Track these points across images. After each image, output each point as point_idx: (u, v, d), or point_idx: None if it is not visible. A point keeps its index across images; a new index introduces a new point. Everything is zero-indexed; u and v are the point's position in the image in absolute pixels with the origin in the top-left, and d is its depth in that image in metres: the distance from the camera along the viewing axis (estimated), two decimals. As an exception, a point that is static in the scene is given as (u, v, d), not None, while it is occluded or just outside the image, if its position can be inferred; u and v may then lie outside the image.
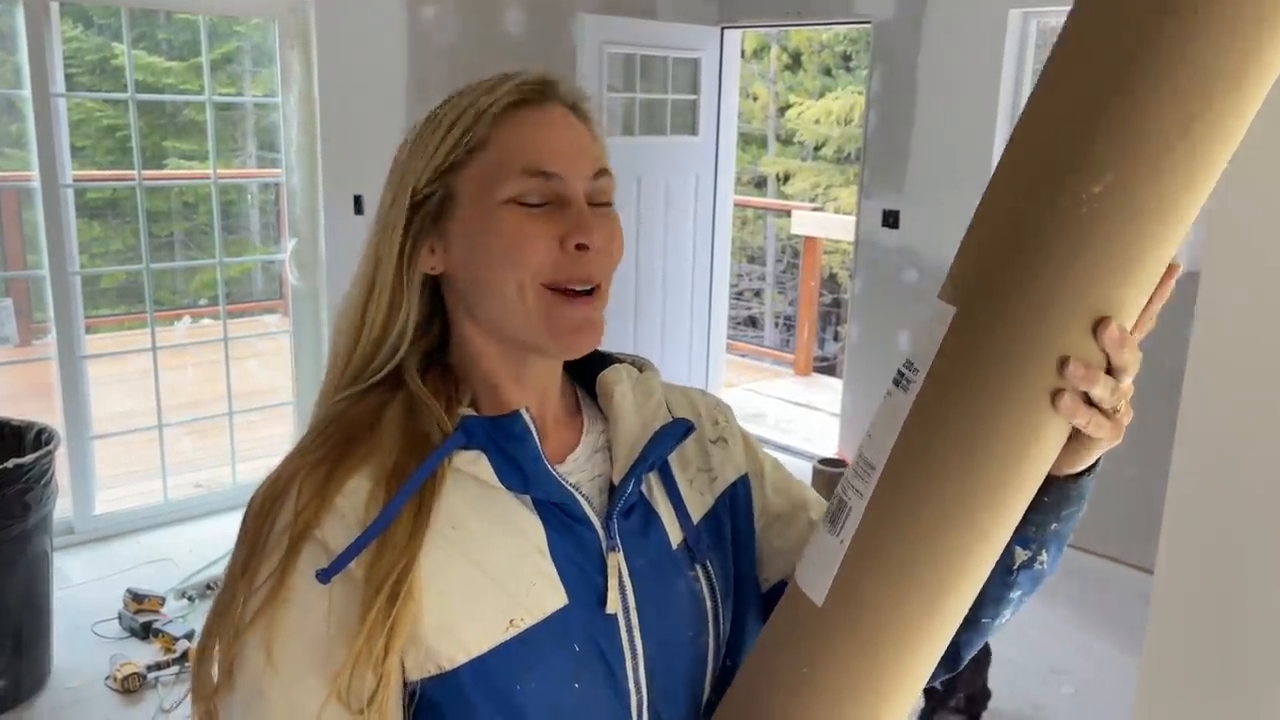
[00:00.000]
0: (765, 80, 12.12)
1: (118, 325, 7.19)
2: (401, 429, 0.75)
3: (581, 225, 0.74)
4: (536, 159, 0.74)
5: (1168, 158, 0.54)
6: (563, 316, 0.74)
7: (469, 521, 0.73)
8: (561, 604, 0.74)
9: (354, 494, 0.71)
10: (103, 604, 3.26)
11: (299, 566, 0.69)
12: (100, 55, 8.30)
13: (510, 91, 0.76)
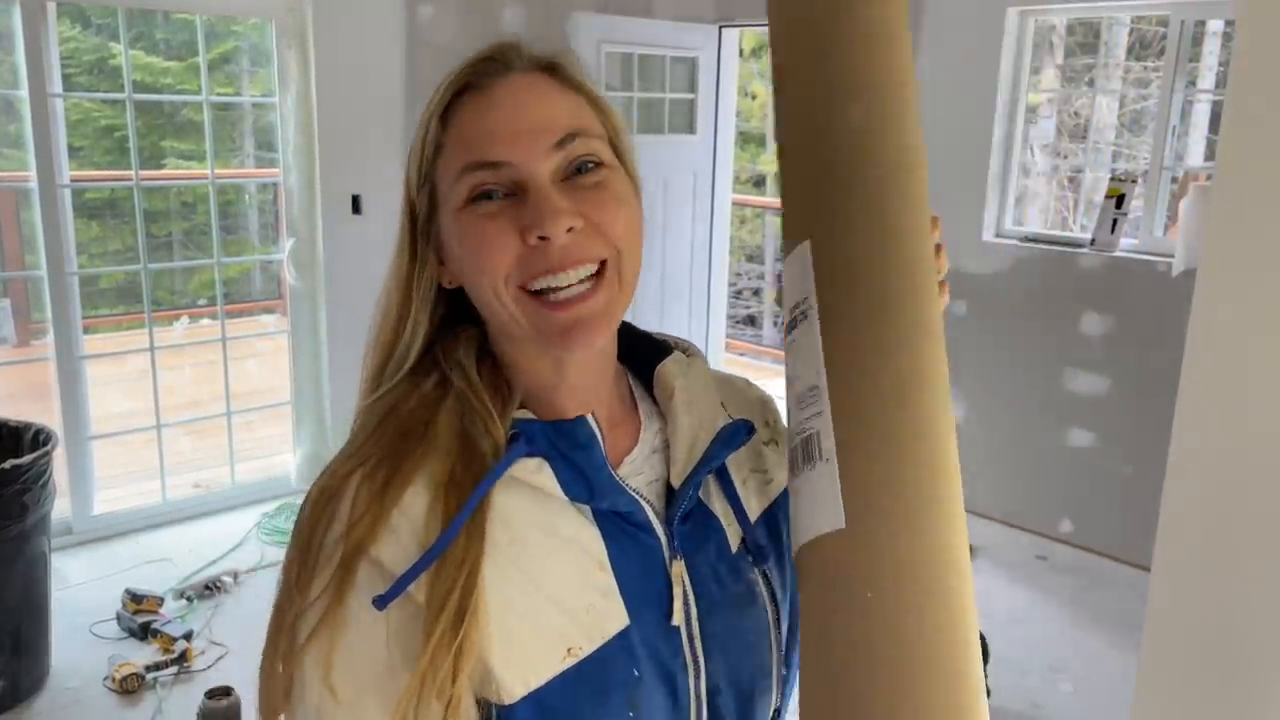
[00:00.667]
0: (763, 79, 12.12)
1: (116, 325, 7.18)
2: (457, 433, 0.70)
3: (536, 215, 0.67)
4: (477, 151, 0.68)
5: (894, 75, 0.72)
6: (545, 322, 0.69)
7: (527, 535, 0.68)
8: (622, 625, 0.69)
9: (411, 508, 0.67)
10: (101, 604, 3.26)
11: (354, 586, 0.64)
12: (98, 55, 8.29)
13: (450, 85, 0.71)
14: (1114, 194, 3.93)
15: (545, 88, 0.71)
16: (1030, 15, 4.07)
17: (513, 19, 4.37)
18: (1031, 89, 4.36)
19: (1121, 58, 8.55)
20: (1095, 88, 8.08)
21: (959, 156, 4.23)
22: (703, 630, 0.73)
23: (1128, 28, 8.29)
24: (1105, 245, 3.88)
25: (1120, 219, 3.89)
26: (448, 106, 0.70)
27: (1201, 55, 7.23)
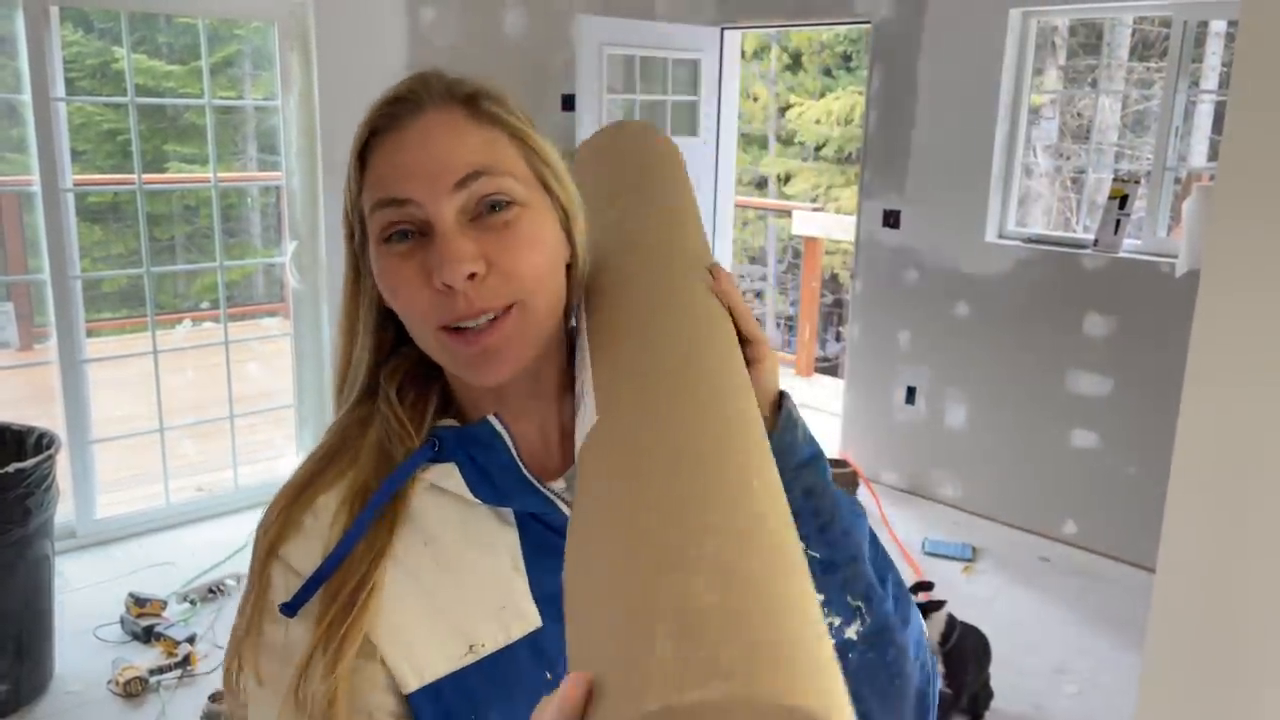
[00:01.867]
0: (766, 81, 12.12)
1: (119, 329, 7.19)
2: (377, 446, 0.73)
3: (436, 260, 0.66)
4: (385, 189, 0.69)
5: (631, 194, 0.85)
6: (459, 354, 0.69)
7: (441, 538, 0.71)
8: (531, 628, 0.70)
9: (322, 511, 0.70)
10: (104, 608, 3.26)
11: (268, 584, 0.69)
12: (101, 59, 8.31)
13: (367, 124, 0.71)
14: (1117, 195, 3.93)
15: (458, 124, 0.69)
16: (1032, 16, 4.07)
17: (515, 22, 4.38)
18: (1034, 90, 4.35)
19: (1124, 58, 8.55)
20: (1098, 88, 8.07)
21: (961, 158, 4.22)
22: None
23: (1130, 28, 8.28)
24: (1108, 246, 3.88)
25: (1123, 220, 3.88)
26: (364, 145, 0.71)
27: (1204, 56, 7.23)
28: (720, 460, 0.53)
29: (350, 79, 3.91)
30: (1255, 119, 1.58)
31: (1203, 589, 1.78)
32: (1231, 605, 1.74)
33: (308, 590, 0.67)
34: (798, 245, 9.03)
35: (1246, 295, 1.62)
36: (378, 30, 3.99)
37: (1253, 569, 1.69)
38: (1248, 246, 1.61)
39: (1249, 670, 1.73)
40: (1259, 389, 1.63)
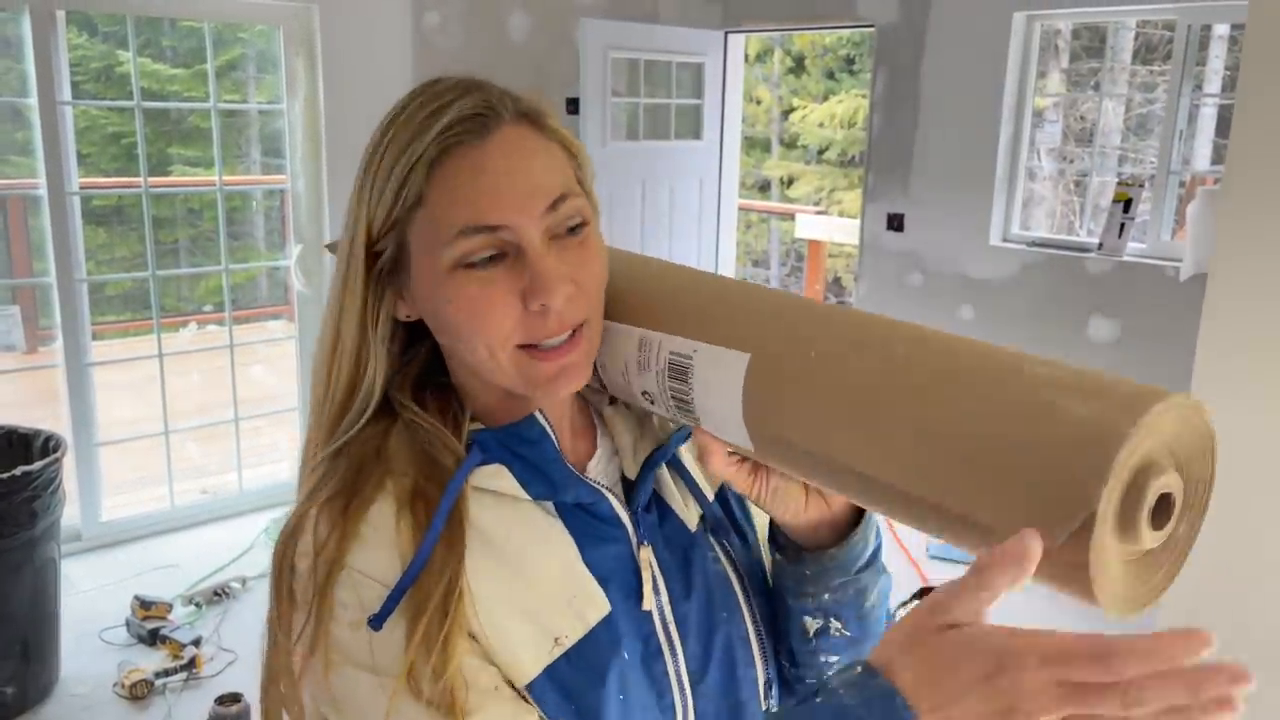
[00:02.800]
0: (769, 84, 12.13)
1: (124, 332, 7.21)
2: (411, 453, 0.71)
3: (538, 284, 0.67)
4: (475, 214, 0.67)
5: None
6: (537, 372, 0.70)
7: (500, 539, 0.71)
8: (604, 613, 0.72)
9: (380, 517, 0.68)
10: (110, 610, 3.26)
11: (331, 607, 0.66)
12: (106, 63, 8.33)
13: (439, 137, 0.68)
14: (1121, 198, 3.93)
15: (531, 142, 0.70)
16: (1036, 19, 4.07)
17: (519, 25, 4.38)
18: (1038, 93, 4.36)
19: (1127, 62, 8.55)
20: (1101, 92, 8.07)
21: (965, 161, 4.23)
22: (675, 612, 0.76)
23: (1133, 32, 8.28)
24: (1112, 249, 3.88)
25: (1127, 223, 3.88)
26: (434, 159, 0.68)
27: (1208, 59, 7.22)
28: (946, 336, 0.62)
29: (355, 82, 3.92)
30: (1261, 123, 1.59)
31: (1197, 587, 1.78)
32: (1227, 604, 1.74)
33: (394, 598, 0.65)
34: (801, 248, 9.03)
35: (1253, 298, 1.62)
36: (382, 34, 4.00)
37: (1248, 567, 1.69)
38: (1255, 250, 1.61)
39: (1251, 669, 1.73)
40: (1265, 392, 1.63)
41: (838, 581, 0.76)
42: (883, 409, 0.59)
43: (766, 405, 0.65)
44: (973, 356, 0.58)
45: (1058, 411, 0.52)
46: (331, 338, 0.73)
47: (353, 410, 0.73)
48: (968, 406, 0.55)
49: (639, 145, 4.81)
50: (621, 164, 4.62)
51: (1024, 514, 0.51)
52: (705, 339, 0.68)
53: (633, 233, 4.74)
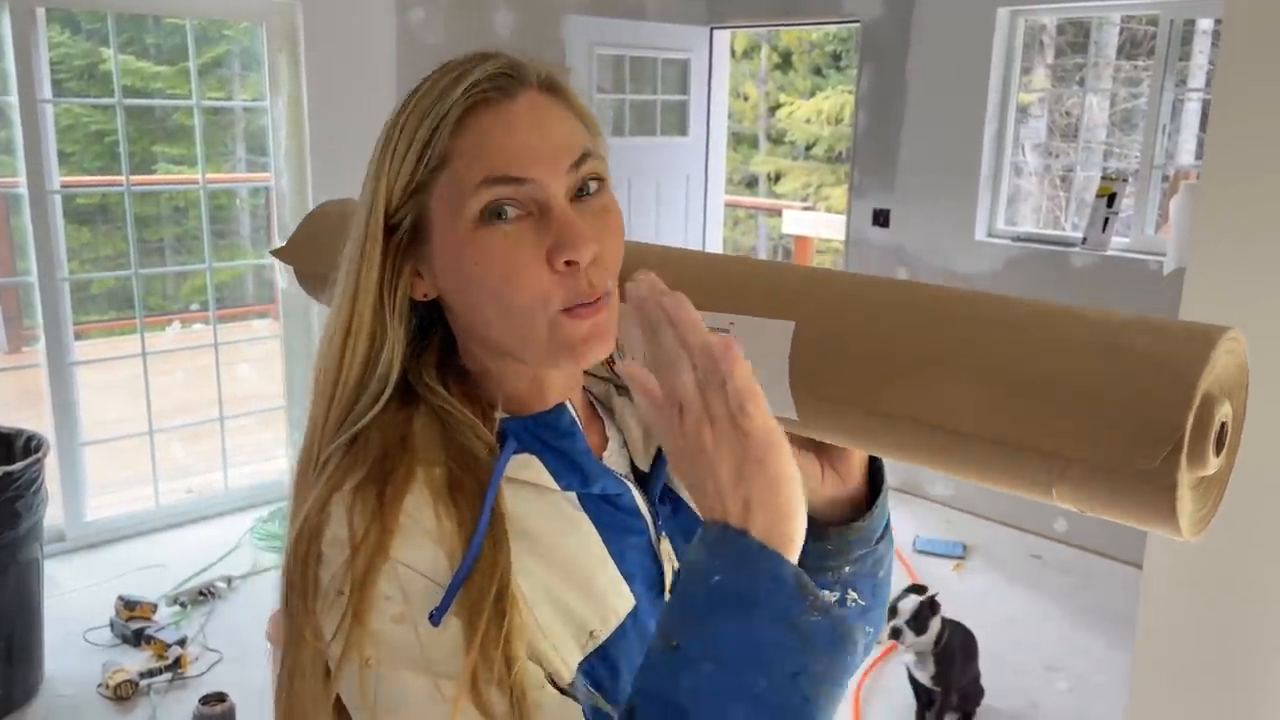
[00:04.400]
0: (756, 80, 12.13)
1: (108, 331, 7.17)
2: (440, 442, 0.69)
3: (566, 238, 0.65)
4: (500, 164, 0.66)
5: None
6: (571, 333, 0.68)
7: (533, 530, 0.69)
8: (630, 607, 0.72)
9: (417, 509, 0.65)
10: (94, 611, 3.25)
11: (373, 605, 0.63)
12: (88, 60, 8.27)
13: (465, 95, 0.67)
14: (1105, 193, 3.94)
15: (555, 107, 0.70)
16: (1020, 15, 4.08)
17: (504, 22, 4.37)
18: (1022, 88, 4.37)
19: (1112, 57, 8.58)
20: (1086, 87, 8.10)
21: (950, 156, 4.23)
22: None
23: (1118, 27, 8.31)
24: (1097, 244, 3.89)
25: (1111, 218, 3.90)
26: (459, 119, 0.67)
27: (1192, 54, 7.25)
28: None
29: (339, 79, 3.91)
30: (1239, 117, 1.59)
31: (1189, 583, 1.79)
32: (1218, 599, 1.75)
33: (451, 592, 0.63)
34: (788, 244, 9.03)
35: (1230, 292, 1.63)
36: (366, 30, 3.98)
37: (1238, 562, 1.70)
38: (1231, 244, 1.62)
39: (1236, 662, 1.74)
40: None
41: (859, 553, 0.77)
42: (951, 356, 0.60)
43: (817, 368, 0.65)
44: (1024, 305, 0.61)
45: (1129, 346, 0.55)
46: (346, 316, 0.70)
47: (368, 393, 0.70)
48: (1044, 351, 0.57)
49: (625, 141, 4.81)
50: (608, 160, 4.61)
51: (1118, 441, 0.54)
52: (740, 310, 0.69)
53: (619, 229, 4.73)
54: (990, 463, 0.60)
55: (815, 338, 0.65)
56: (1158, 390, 0.53)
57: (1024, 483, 0.59)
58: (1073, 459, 0.56)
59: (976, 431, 0.59)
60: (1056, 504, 0.60)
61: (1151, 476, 0.53)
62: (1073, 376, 0.56)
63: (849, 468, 0.76)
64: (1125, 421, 0.53)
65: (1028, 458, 0.57)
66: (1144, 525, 0.56)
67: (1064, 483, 0.57)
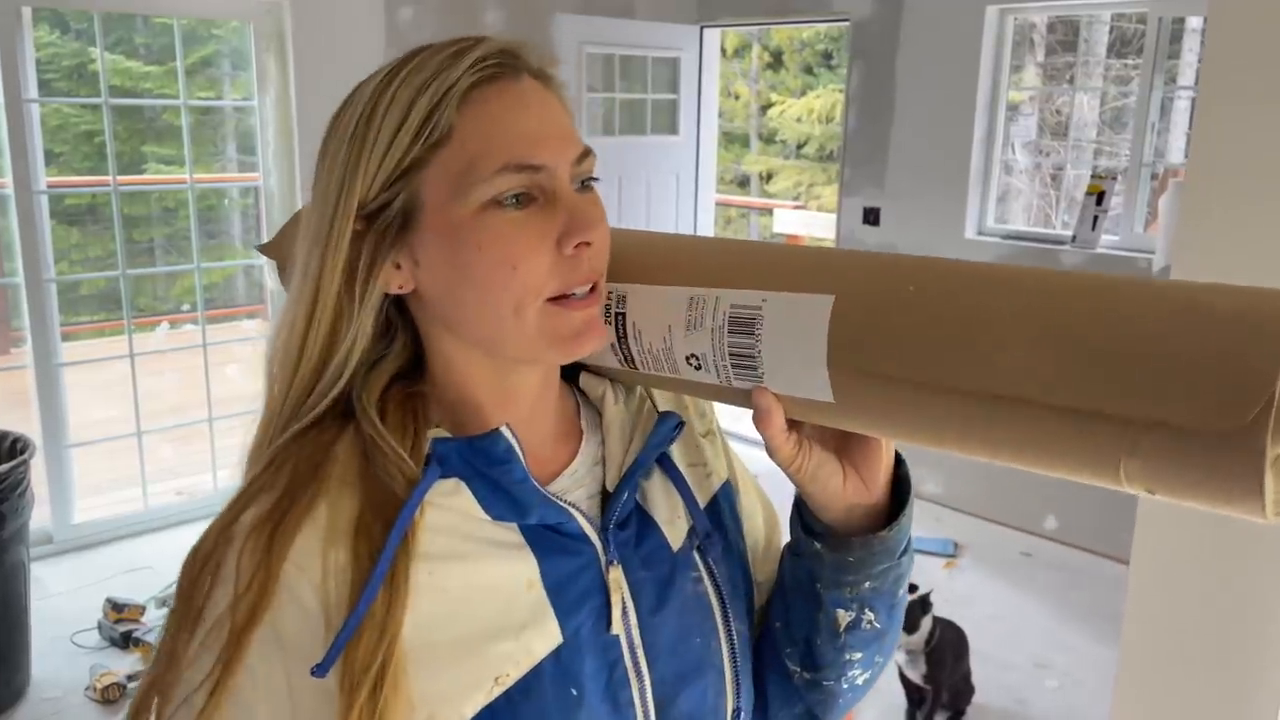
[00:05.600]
0: (747, 79, 12.13)
1: (97, 332, 7.14)
2: (356, 472, 0.64)
3: (580, 222, 0.64)
4: (520, 151, 0.63)
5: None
6: (565, 325, 0.66)
7: (448, 563, 0.64)
8: (553, 645, 0.66)
9: (306, 558, 0.61)
10: (82, 613, 3.23)
11: (246, 664, 0.60)
12: (77, 60, 8.24)
13: (475, 67, 0.63)
14: (1095, 191, 3.95)
15: (552, 95, 0.68)
16: (1010, 13, 4.08)
17: (494, 20, 4.36)
18: (1012, 87, 4.37)
19: (1102, 55, 8.60)
20: (1076, 85, 8.12)
21: (941, 155, 4.24)
22: (644, 637, 0.70)
23: (1108, 25, 8.33)
24: (1086, 242, 3.90)
25: (1101, 216, 3.90)
26: (465, 93, 0.63)
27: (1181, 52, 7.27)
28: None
29: (327, 78, 3.88)
30: (1224, 115, 1.59)
31: (1175, 580, 1.79)
32: (1203, 596, 1.75)
33: (330, 658, 0.59)
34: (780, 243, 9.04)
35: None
36: (354, 29, 3.97)
37: (1223, 559, 1.70)
38: (1216, 241, 1.62)
39: (1221, 659, 1.74)
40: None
41: (881, 567, 0.72)
42: (1019, 324, 0.55)
43: (860, 343, 0.61)
44: (1084, 275, 0.57)
45: (1208, 305, 0.51)
46: (304, 315, 0.66)
47: (319, 388, 0.67)
48: (1114, 309, 0.54)
49: (615, 140, 4.80)
50: (598, 159, 4.61)
51: (1200, 400, 0.49)
52: (771, 288, 0.65)
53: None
54: (1055, 437, 0.54)
55: (857, 311, 0.61)
56: (1246, 344, 0.48)
57: (1091, 459, 0.54)
58: (1148, 424, 0.51)
59: (1041, 398, 0.54)
60: (1125, 487, 0.54)
61: (1237, 440, 0.48)
62: (1152, 332, 0.52)
63: (873, 472, 0.71)
64: (1209, 378, 0.49)
65: (1097, 427, 0.52)
66: (1224, 503, 0.51)
67: (1136, 456, 0.52)
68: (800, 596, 0.76)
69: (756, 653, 0.81)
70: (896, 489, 0.73)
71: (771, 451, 0.68)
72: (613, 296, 0.71)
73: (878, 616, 0.75)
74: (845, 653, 0.76)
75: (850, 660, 0.77)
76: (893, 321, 0.60)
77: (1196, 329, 0.50)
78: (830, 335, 0.61)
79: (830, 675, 0.78)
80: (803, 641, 0.77)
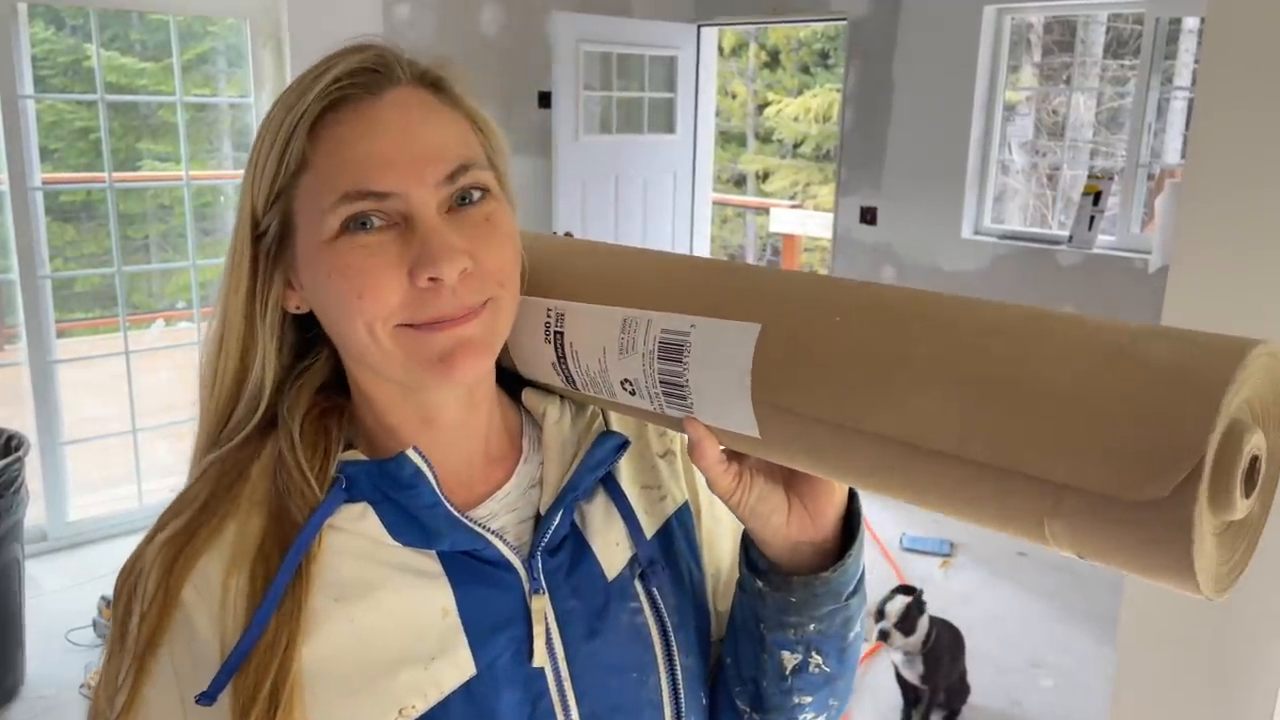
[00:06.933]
0: (744, 78, 12.13)
1: (92, 329, 7.12)
2: (266, 490, 0.63)
3: (427, 254, 0.59)
4: (360, 178, 0.59)
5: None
6: (426, 349, 0.61)
7: (353, 593, 0.61)
8: (465, 678, 0.62)
9: (206, 582, 0.60)
10: (77, 611, 3.22)
11: (149, 679, 0.60)
12: (73, 57, 8.22)
13: (324, 93, 0.61)
14: (1091, 191, 3.95)
15: (431, 106, 0.63)
16: (1007, 13, 4.09)
17: (491, 18, 4.35)
18: (1009, 87, 4.37)
19: (1099, 56, 8.61)
20: (1073, 86, 8.13)
21: (937, 154, 4.24)
22: (572, 670, 0.66)
23: (1104, 26, 8.34)
24: (1083, 242, 3.90)
25: (1097, 216, 3.91)
26: (318, 118, 0.61)
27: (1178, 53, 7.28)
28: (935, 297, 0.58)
29: (324, 76, 3.89)
30: (1221, 115, 1.59)
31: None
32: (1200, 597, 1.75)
33: (218, 684, 0.58)
34: (776, 242, 9.05)
35: (1212, 289, 1.63)
36: (351, 27, 3.92)
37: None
38: (1214, 241, 1.62)
39: (1219, 659, 1.74)
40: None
41: (826, 609, 0.68)
42: (934, 368, 0.51)
43: (783, 379, 0.57)
44: (1021, 311, 0.52)
45: (1143, 354, 0.46)
46: (218, 325, 0.66)
47: (238, 411, 0.66)
48: (1037, 356, 0.49)
49: (612, 139, 4.79)
50: (594, 158, 4.60)
51: (1124, 463, 0.44)
52: (703, 313, 0.60)
53: (606, 227, 4.72)
54: (974, 492, 0.51)
55: (782, 341, 0.57)
56: (1175, 403, 0.44)
57: (1014, 517, 0.50)
58: (1070, 486, 0.46)
59: (957, 451, 0.50)
60: (1052, 547, 0.49)
61: (1163, 509, 0.44)
62: (1073, 386, 0.47)
63: (821, 508, 0.67)
64: (1134, 439, 0.44)
65: (1017, 485, 0.48)
66: (1154, 575, 0.46)
67: (1058, 517, 0.48)
68: (746, 636, 0.72)
69: (711, 689, 0.77)
70: (850, 526, 0.70)
71: (710, 484, 0.65)
72: (551, 314, 0.68)
73: (826, 660, 0.70)
74: (793, 696, 0.72)
75: (799, 704, 0.72)
76: (814, 356, 0.56)
77: (1119, 382, 0.46)
78: (755, 367, 0.58)
79: (779, 718, 0.74)
80: (750, 681, 0.73)
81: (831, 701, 0.74)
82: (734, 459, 0.65)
